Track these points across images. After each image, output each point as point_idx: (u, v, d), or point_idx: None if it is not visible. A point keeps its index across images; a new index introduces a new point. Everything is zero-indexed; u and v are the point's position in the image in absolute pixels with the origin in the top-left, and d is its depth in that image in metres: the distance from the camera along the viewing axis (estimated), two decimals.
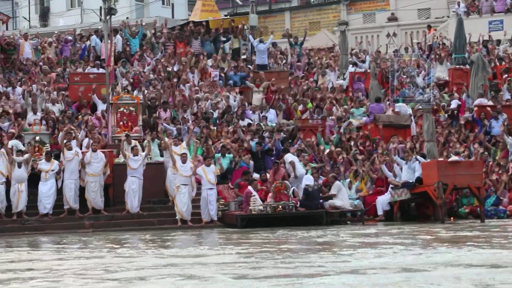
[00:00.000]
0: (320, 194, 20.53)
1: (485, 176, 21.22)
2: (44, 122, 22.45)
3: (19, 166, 19.67)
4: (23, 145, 21.02)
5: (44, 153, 20.46)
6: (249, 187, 20.14)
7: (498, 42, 31.09)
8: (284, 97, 25.86)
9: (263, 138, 22.75)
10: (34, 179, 19.96)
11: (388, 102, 25.12)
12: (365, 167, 21.66)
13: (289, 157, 21.28)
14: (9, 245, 16.80)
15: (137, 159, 20.21)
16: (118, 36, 27.50)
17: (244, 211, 19.86)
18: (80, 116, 23.25)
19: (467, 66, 27.50)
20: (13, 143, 20.79)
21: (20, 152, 19.98)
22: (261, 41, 28.79)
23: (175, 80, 26.09)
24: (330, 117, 24.44)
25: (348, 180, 21.37)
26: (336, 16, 42.20)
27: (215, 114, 24.50)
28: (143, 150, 20.99)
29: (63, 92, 24.56)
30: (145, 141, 21.40)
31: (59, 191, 20.05)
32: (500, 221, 19.93)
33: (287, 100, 25.72)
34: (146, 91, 24.67)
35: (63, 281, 10.98)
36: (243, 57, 29.24)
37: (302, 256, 13.13)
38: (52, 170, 19.92)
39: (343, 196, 20.50)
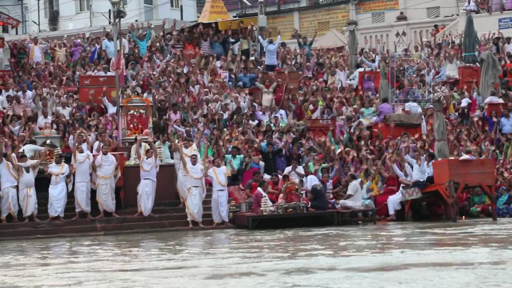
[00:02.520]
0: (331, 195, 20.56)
1: (496, 174, 21.16)
2: (55, 125, 22.51)
3: (27, 171, 19.73)
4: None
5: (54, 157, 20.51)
6: (259, 189, 20.14)
7: (508, 39, 30.96)
8: (294, 97, 25.85)
9: (272, 139, 22.74)
10: (44, 182, 20.01)
11: (393, 103, 24.99)
12: (377, 165, 21.61)
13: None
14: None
15: (150, 161, 20.24)
16: (124, 39, 27.46)
17: (255, 212, 19.86)
18: (92, 119, 23.27)
19: (477, 64, 27.41)
20: (30, 148, 20.79)
21: (25, 157, 20.00)
22: (270, 42, 28.81)
23: (182, 80, 26.09)
24: (340, 117, 24.41)
25: (359, 180, 21.34)
26: (345, 16, 42.17)
27: (225, 116, 24.50)
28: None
29: (74, 95, 24.61)
30: (155, 143, 21.45)
31: (70, 194, 20.10)
32: None
33: (297, 100, 25.71)
34: (155, 93, 24.72)
35: None
36: (252, 58, 29.23)
37: None
38: (63, 173, 19.97)
39: (358, 196, 20.49)
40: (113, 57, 25.03)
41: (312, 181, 20.64)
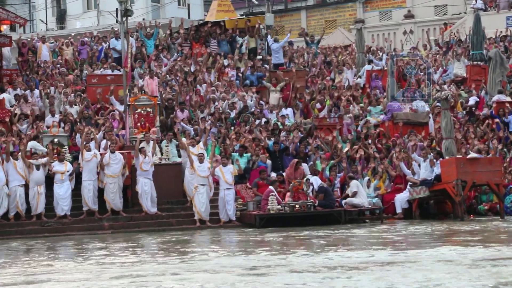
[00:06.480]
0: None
1: (504, 173, 21.11)
2: (62, 124, 22.54)
3: (38, 169, 19.75)
4: (42, 146, 21.09)
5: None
6: (270, 187, 20.13)
7: None
8: (301, 95, 25.83)
9: (279, 137, 22.73)
10: (47, 181, 20.00)
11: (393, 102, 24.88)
12: (384, 164, 21.59)
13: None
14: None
15: (147, 160, 20.25)
16: (131, 38, 27.45)
17: (263, 209, 19.84)
18: (99, 117, 23.31)
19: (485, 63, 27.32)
20: (31, 144, 20.90)
21: (36, 155, 20.04)
22: (275, 40, 28.79)
23: (189, 79, 26.10)
24: (347, 115, 24.37)
25: (366, 178, 21.33)
26: (352, 14, 42.08)
27: (232, 114, 24.49)
28: (161, 151, 21.12)
29: (81, 94, 24.64)
30: (162, 142, 21.48)
31: (77, 193, 20.11)
32: None
33: (304, 99, 25.69)
34: (163, 92, 24.74)
35: None
36: (259, 57, 29.21)
37: None
38: (67, 171, 20.00)
39: (362, 193, 20.48)
40: (119, 56, 25.08)
41: (317, 181, 20.58)
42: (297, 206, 19.68)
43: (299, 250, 14.41)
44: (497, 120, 24.07)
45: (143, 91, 24.13)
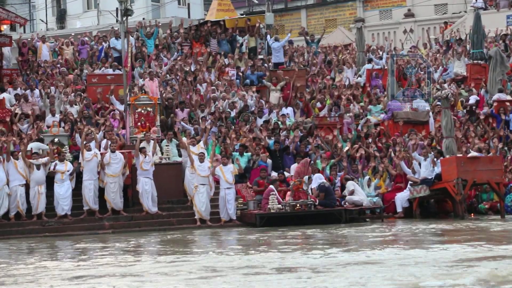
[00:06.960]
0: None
1: (505, 172, 21.12)
2: (62, 123, 22.55)
3: (38, 168, 19.76)
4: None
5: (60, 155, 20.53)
6: (271, 186, 20.13)
7: None
8: (302, 95, 25.84)
9: (279, 137, 22.73)
10: (48, 180, 20.01)
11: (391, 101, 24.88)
12: (384, 163, 21.61)
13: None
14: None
15: (148, 160, 20.25)
16: (131, 37, 27.44)
17: (263, 208, 19.85)
18: (99, 116, 23.32)
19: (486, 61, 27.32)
20: (35, 145, 20.88)
21: (36, 155, 20.05)
22: (276, 39, 28.80)
23: (190, 78, 26.12)
24: (348, 114, 24.38)
25: (367, 177, 21.33)
26: (353, 13, 42.11)
27: (233, 114, 24.50)
28: (161, 151, 21.14)
29: (81, 94, 24.65)
30: (162, 141, 21.47)
31: (77, 193, 20.11)
32: None
33: (305, 98, 25.70)
34: (163, 92, 24.76)
35: None
36: (260, 56, 29.21)
37: None
38: (68, 171, 20.01)
39: (359, 192, 20.48)
40: (119, 55, 25.08)
41: (318, 179, 20.60)
42: (297, 205, 19.69)
43: (278, 250, 14.37)
44: (503, 116, 24.09)
45: (143, 91, 24.16)
